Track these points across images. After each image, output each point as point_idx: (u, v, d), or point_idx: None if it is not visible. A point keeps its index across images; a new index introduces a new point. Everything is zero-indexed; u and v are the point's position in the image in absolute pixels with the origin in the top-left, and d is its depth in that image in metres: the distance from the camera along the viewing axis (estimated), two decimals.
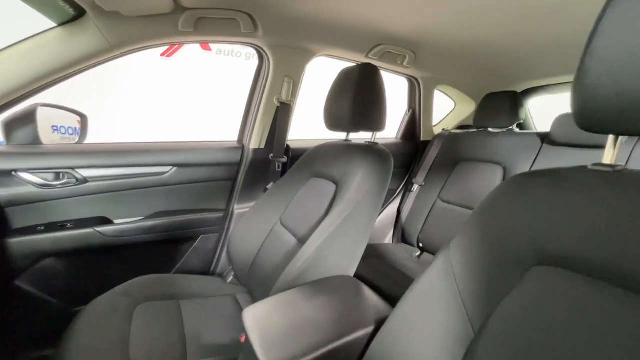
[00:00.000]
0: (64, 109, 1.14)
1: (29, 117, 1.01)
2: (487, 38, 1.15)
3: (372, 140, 1.04)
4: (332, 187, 0.97)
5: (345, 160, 0.98)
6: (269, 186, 1.30)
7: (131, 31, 0.91)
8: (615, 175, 0.40)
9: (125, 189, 1.11)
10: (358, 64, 0.97)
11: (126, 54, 0.97)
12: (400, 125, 1.82)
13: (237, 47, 3.48)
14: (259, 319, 0.64)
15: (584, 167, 0.44)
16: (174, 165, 1.17)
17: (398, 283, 1.24)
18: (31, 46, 0.85)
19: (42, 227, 1.00)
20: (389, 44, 1.25)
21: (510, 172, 1.37)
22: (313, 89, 1.62)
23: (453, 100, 1.94)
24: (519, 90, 1.66)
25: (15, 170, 0.94)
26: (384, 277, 1.31)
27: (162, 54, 3.18)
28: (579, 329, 0.34)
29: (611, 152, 0.42)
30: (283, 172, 1.28)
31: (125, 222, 1.13)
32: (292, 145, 1.41)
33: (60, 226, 1.03)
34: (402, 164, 1.78)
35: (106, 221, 1.11)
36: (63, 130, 1.19)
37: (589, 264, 0.37)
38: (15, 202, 0.95)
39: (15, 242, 0.96)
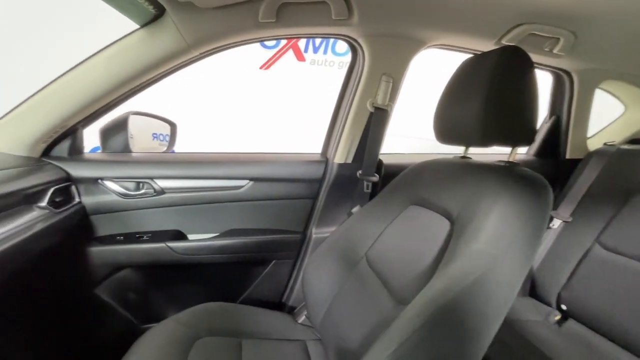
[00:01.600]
0: (154, 117, 1.14)
1: (121, 125, 1.01)
2: None
3: (511, 159, 0.70)
4: (445, 225, 0.67)
5: (467, 187, 0.67)
6: (354, 210, 1.06)
7: (207, 27, 0.80)
8: None
9: (200, 203, 1.03)
10: (498, 48, 0.66)
11: (205, 55, 0.87)
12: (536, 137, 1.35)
13: (330, 57, 3.40)
14: None
15: None
16: (250, 179, 1.04)
17: None
18: (115, 51, 0.81)
19: (121, 237, 0.98)
20: (535, 22, 0.87)
21: None
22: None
23: (623, 103, 1.36)
24: None
25: (102, 179, 0.93)
26: (504, 350, 0.93)
27: (261, 67, 3.31)
28: None
29: None
30: (373, 194, 1.03)
31: (197, 240, 1.04)
32: (387, 160, 1.14)
33: (137, 237, 0.99)
34: None
35: (180, 235, 1.04)
36: (161, 138, 1.21)
37: None
38: (99, 211, 0.95)
39: (97, 251, 0.95)
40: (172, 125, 1.19)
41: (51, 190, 0.80)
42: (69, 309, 0.99)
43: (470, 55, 0.75)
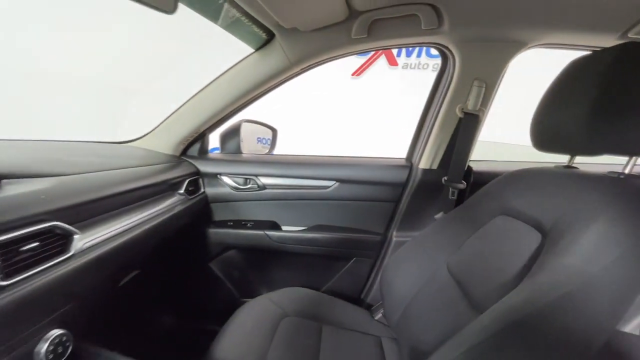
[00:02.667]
0: (260, 124, 1.33)
1: (235, 131, 1.23)
2: None
3: (627, 171, 0.61)
4: (535, 236, 0.63)
5: (565, 198, 0.61)
6: (437, 216, 1.05)
7: (307, 46, 0.92)
8: None
9: (293, 199, 1.16)
10: (612, 48, 0.59)
11: (304, 71, 1.00)
12: None
13: (424, 59, 3.30)
14: None
15: None
16: (337, 180, 1.14)
17: None
18: (235, 72, 1.00)
19: (231, 223, 1.19)
20: None
21: None
22: None
23: None
24: None
25: (220, 174, 1.15)
26: None
27: (353, 74, 3.42)
28: None
29: None
30: (459, 202, 1.00)
31: (289, 231, 1.18)
32: (476, 167, 1.09)
33: (243, 224, 1.19)
34: None
35: (276, 225, 1.20)
36: (264, 141, 1.41)
37: None
38: (216, 200, 1.17)
39: (213, 232, 1.18)
40: (274, 131, 1.38)
41: (187, 181, 1.04)
42: (189, 275, 1.25)
43: (582, 54, 0.68)
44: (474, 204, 0.86)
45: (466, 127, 1.00)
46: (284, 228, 1.20)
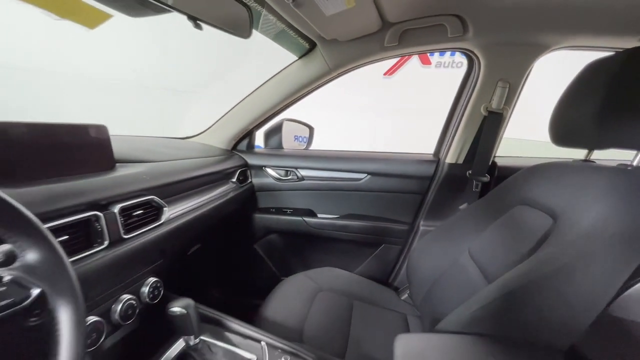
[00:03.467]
0: (299, 122, 1.48)
1: (278, 129, 1.38)
2: None
3: (635, 164, 0.68)
4: (547, 220, 0.71)
5: (576, 186, 0.69)
6: (462, 207, 1.14)
7: (345, 54, 1.05)
8: None
9: (328, 189, 1.30)
10: (623, 52, 0.66)
11: (340, 75, 1.13)
12: None
13: (457, 57, 3.30)
14: (410, 353, 0.57)
15: None
16: (368, 173, 1.25)
17: None
18: (281, 77, 1.16)
19: (273, 210, 1.35)
20: None
21: None
22: None
23: None
24: None
25: (264, 166, 1.31)
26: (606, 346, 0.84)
27: (385, 73, 3.50)
28: None
29: None
30: (482, 194, 1.08)
31: (324, 218, 1.32)
32: (501, 162, 1.16)
33: (283, 211, 1.34)
34: None
35: (312, 213, 1.34)
36: (301, 139, 1.56)
37: None
38: (261, 189, 1.33)
39: (258, 217, 1.35)
40: (311, 129, 1.52)
41: (238, 171, 1.21)
42: (238, 254, 1.43)
43: (601, 56, 0.74)
44: (496, 195, 0.93)
45: (490, 125, 1.08)
46: (319, 215, 1.33)
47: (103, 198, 0.61)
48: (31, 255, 0.35)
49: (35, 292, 0.34)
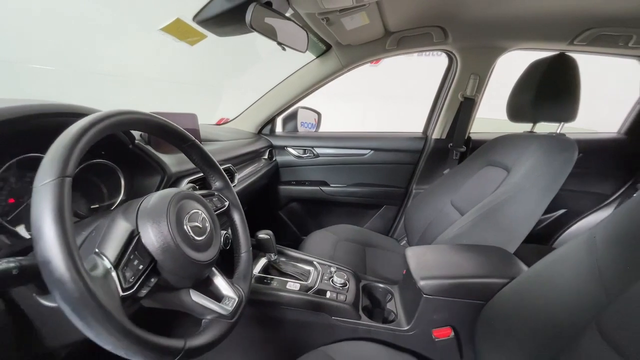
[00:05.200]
0: (310, 110, 1.76)
1: (293, 115, 1.66)
2: None
3: (559, 131, 1.02)
4: (503, 173, 1.04)
5: (521, 148, 1.02)
6: (445, 171, 1.47)
7: (355, 54, 1.34)
8: None
9: (338, 164, 1.60)
10: (551, 56, 0.98)
11: (349, 70, 1.42)
12: (627, 118, 1.47)
13: None
14: (417, 255, 0.89)
15: None
16: (371, 149, 1.56)
17: None
18: (302, 72, 1.43)
19: (294, 182, 1.64)
20: (603, 26, 1.11)
21: None
22: None
23: None
24: None
25: (286, 147, 1.60)
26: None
27: (371, 63, 3.78)
28: None
29: None
30: (461, 161, 1.41)
31: (336, 186, 1.63)
32: (474, 137, 1.50)
33: (302, 182, 1.64)
34: (623, 165, 1.45)
35: (326, 183, 1.65)
36: (306, 125, 1.84)
37: None
38: (284, 165, 1.62)
39: (281, 189, 1.64)
40: (319, 115, 1.80)
41: (267, 151, 1.49)
42: (266, 220, 1.72)
43: (542, 56, 1.06)
44: (470, 161, 1.27)
45: (466, 108, 1.41)
46: (331, 185, 1.64)
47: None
48: (218, 183, 0.64)
49: (226, 204, 0.63)
